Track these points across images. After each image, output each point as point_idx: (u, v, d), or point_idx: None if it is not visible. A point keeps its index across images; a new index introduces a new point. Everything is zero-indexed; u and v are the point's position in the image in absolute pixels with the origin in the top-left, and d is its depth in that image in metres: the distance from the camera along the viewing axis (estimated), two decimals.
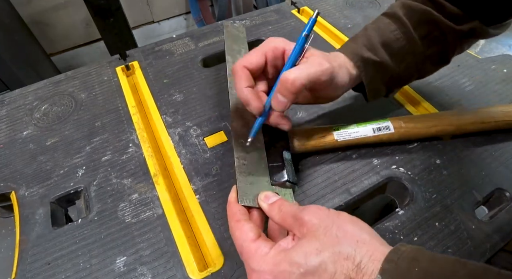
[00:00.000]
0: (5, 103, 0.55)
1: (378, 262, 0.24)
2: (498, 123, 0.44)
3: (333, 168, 0.43)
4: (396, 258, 0.23)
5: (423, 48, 0.40)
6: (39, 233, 0.39)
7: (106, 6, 1.13)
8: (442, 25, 0.39)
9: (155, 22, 1.89)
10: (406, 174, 0.43)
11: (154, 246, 0.37)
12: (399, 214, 0.39)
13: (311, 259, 0.24)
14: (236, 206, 0.32)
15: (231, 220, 0.31)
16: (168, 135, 0.48)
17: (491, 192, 0.41)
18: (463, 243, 0.37)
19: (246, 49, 0.51)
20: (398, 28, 0.39)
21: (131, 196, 0.42)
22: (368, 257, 0.24)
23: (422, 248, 0.25)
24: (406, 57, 0.40)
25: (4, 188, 0.44)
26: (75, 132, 0.49)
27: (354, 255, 0.24)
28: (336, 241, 0.25)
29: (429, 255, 0.24)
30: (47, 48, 1.60)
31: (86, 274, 0.36)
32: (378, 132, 0.42)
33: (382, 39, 0.39)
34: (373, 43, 0.39)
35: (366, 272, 0.23)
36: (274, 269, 0.25)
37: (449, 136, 0.45)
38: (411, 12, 0.40)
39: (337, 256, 0.24)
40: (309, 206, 0.29)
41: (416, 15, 0.39)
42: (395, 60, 0.40)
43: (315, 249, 0.25)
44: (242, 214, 0.31)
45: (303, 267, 0.24)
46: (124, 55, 0.60)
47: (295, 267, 0.24)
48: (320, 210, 0.28)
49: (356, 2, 0.72)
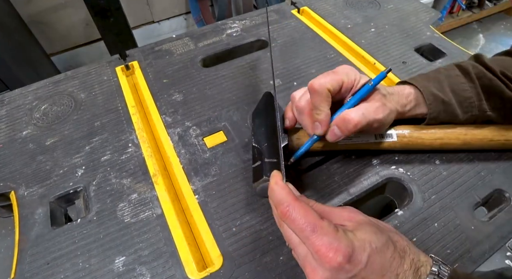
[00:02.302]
0: (5, 103, 0.55)
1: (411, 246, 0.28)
2: (508, 142, 0.41)
3: (333, 168, 0.43)
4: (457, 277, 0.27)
5: (487, 108, 0.41)
6: (38, 232, 0.39)
7: (106, 6, 1.13)
8: (506, 98, 0.40)
9: (155, 22, 1.89)
10: (406, 174, 0.43)
11: (153, 246, 0.37)
12: (399, 215, 0.39)
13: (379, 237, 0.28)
14: (286, 188, 0.30)
15: (284, 203, 0.28)
16: (167, 135, 0.48)
17: (490, 192, 0.41)
18: (462, 243, 0.37)
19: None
20: (466, 81, 0.41)
21: (131, 196, 0.42)
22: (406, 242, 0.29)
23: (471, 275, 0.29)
24: (471, 110, 0.41)
25: (4, 187, 0.44)
26: (74, 132, 0.49)
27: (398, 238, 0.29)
28: (386, 228, 0.30)
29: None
30: (47, 48, 1.59)
31: (85, 273, 0.36)
32: (380, 139, 0.42)
33: (451, 86, 0.41)
34: (443, 87, 0.41)
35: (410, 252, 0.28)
36: (351, 244, 0.26)
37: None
38: (480, 73, 0.41)
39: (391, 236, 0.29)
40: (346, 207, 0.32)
41: (485, 80, 0.40)
42: (462, 110, 0.41)
43: (376, 229, 0.28)
44: (294, 193, 0.30)
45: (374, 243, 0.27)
46: (124, 55, 0.60)
47: (367, 243, 0.27)
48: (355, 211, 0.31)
49: (356, 2, 0.72)
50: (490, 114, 0.41)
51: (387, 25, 0.66)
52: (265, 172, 0.35)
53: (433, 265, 0.28)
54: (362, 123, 0.36)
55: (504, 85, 0.40)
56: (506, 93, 0.40)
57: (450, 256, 0.36)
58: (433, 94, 0.40)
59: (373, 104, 0.37)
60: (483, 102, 0.41)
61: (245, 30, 0.66)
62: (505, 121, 0.42)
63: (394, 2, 0.71)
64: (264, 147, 0.38)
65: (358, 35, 0.63)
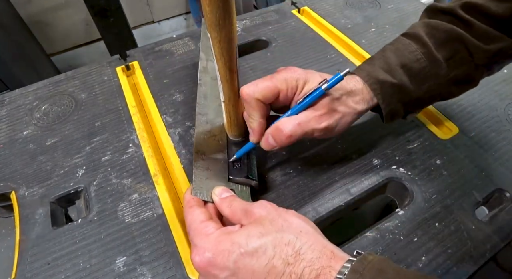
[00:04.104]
0: (5, 103, 0.54)
1: (318, 252, 0.24)
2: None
3: (333, 168, 0.43)
4: (362, 269, 0.23)
5: (447, 70, 0.37)
6: (39, 233, 0.39)
7: (106, 6, 1.13)
8: (470, 44, 0.36)
9: (155, 22, 1.89)
10: (406, 174, 0.43)
11: (154, 246, 0.37)
12: (399, 215, 0.39)
13: (252, 241, 0.25)
14: (190, 196, 0.33)
15: (184, 207, 0.32)
16: (168, 135, 0.48)
17: (491, 192, 0.41)
18: (463, 243, 0.37)
19: None
20: (419, 48, 0.37)
21: (131, 196, 0.42)
22: (308, 246, 0.25)
23: (388, 260, 0.25)
24: (427, 79, 0.37)
25: (4, 187, 0.44)
26: (75, 132, 0.49)
27: (295, 241, 0.25)
28: (280, 228, 0.26)
29: (395, 267, 0.23)
30: (47, 48, 1.59)
31: (86, 274, 0.36)
32: None
33: (400, 61, 0.37)
34: (390, 65, 0.37)
35: (304, 259, 0.24)
36: (214, 247, 0.26)
37: None
38: (434, 31, 0.37)
39: (278, 241, 0.25)
40: (259, 201, 0.30)
41: (440, 34, 0.37)
42: (416, 83, 0.37)
43: (258, 232, 0.26)
44: (195, 201, 0.32)
45: (243, 247, 0.25)
46: (124, 55, 0.60)
47: (236, 246, 0.25)
48: (269, 204, 0.29)
49: (356, 2, 0.72)
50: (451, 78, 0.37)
51: (387, 25, 0.66)
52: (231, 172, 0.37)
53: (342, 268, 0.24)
54: (297, 134, 0.33)
55: (464, 31, 0.36)
56: (466, 40, 0.36)
57: (451, 256, 0.36)
58: (379, 80, 0.36)
59: (316, 112, 0.34)
60: (441, 67, 0.37)
61: (245, 30, 0.66)
62: (471, 85, 0.39)
63: (394, 2, 0.71)
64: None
65: (359, 35, 0.63)
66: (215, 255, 0.26)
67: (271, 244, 0.25)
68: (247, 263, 0.25)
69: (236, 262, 0.25)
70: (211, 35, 0.28)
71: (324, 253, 0.24)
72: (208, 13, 0.26)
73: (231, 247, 0.25)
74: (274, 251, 0.25)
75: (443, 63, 0.37)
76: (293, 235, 0.25)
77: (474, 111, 0.50)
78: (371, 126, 0.48)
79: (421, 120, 0.49)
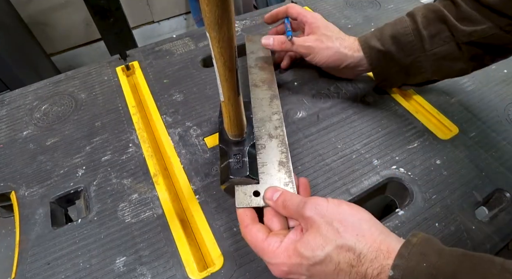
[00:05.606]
0: (5, 103, 0.55)
1: (375, 252, 0.27)
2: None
3: (333, 168, 0.43)
4: (407, 254, 0.25)
5: (431, 46, 0.43)
6: (39, 233, 0.39)
7: (106, 6, 1.13)
8: (450, 24, 0.41)
9: (155, 22, 1.89)
10: (406, 174, 0.43)
11: (154, 246, 0.37)
12: (399, 215, 0.39)
13: (317, 254, 0.28)
14: (240, 212, 0.34)
15: (241, 227, 0.33)
16: (168, 135, 0.48)
17: (491, 192, 0.41)
18: (463, 243, 0.37)
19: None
20: (410, 25, 0.44)
21: (131, 196, 0.42)
22: (367, 249, 0.27)
23: (432, 239, 0.27)
24: (413, 52, 0.44)
25: (4, 187, 0.44)
26: (75, 132, 0.49)
27: (355, 247, 0.27)
28: (338, 236, 0.28)
29: (437, 249, 0.26)
30: (47, 48, 1.59)
31: (85, 274, 0.36)
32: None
33: (392, 33, 0.44)
34: (383, 35, 0.45)
35: (366, 260, 0.27)
36: (287, 261, 0.29)
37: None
38: (427, 12, 0.43)
39: (340, 249, 0.27)
40: (309, 201, 0.31)
41: (430, 14, 0.43)
42: (403, 53, 0.44)
43: (320, 245, 0.28)
44: (249, 218, 0.33)
45: (311, 260, 0.28)
46: (124, 55, 0.60)
47: (305, 260, 0.28)
48: (319, 205, 0.30)
49: (356, 2, 0.72)
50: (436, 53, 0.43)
51: None
52: (231, 172, 0.36)
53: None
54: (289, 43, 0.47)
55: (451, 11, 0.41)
56: (449, 21, 0.41)
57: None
58: (370, 46, 0.46)
59: (306, 37, 0.48)
60: (426, 42, 0.43)
61: (245, 30, 0.66)
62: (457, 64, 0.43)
63: (394, 2, 0.71)
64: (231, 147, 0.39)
65: (359, 35, 0.63)
66: (290, 268, 0.29)
67: (334, 253, 0.27)
68: (319, 269, 0.28)
69: (309, 270, 0.28)
70: (210, 34, 0.28)
71: (381, 252, 0.27)
72: (207, 13, 0.26)
73: (301, 260, 0.28)
74: (338, 258, 0.27)
75: (427, 40, 0.43)
76: (351, 241, 0.27)
77: (474, 111, 0.50)
78: (371, 126, 0.48)
79: (421, 120, 0.49)
